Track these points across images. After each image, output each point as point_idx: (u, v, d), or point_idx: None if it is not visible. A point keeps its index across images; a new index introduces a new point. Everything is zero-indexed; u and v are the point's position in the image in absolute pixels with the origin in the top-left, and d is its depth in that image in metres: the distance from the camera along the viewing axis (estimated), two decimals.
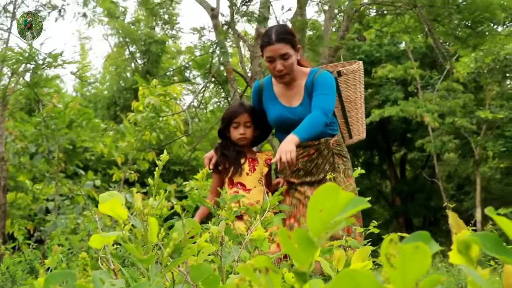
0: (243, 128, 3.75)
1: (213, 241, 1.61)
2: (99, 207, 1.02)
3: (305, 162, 3.71)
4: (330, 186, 0.70)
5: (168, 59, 23.26)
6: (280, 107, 3.73)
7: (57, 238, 3.96)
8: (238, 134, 3.75)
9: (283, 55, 3.52)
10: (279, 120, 3.75)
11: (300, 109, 3.65)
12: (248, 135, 3.77)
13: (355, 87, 3.86)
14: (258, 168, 3.81)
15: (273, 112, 3.76)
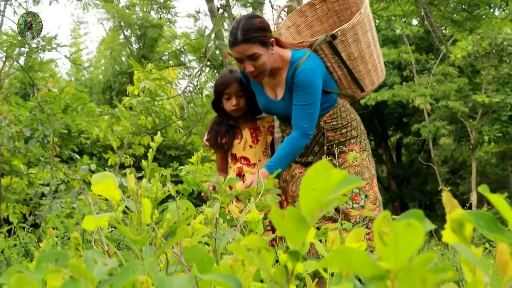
0: (235, 99, 3.57)
1: (207, 223, 1.61)
2: (92, 188, 1.01)
3: None
4: (323, 165, 0.69)
5: (163, 43, 23.19)
6: (264, 98, 3.54)
7: (52, 222, 3.96)
8: (231, 106, 3.57)
9: (251, 56, 3.21)
10: (266, 110, 3.63)
11: (282, 104, 3.46)
12: (242, 104, 3.59)
13: (357, 41, 3.49)
14: (261, 138, 3.65)
15: (259, 102, 3.59)
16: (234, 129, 3.63)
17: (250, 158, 3.58)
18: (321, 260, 0.63)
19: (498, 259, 0.72)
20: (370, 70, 3.63)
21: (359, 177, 3.30)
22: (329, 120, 3.49)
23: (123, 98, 7.10)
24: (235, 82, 3.57)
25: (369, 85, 3.68)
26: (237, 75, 3.60)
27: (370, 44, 3.57)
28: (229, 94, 3.57)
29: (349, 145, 3.49)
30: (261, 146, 3.62)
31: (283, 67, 3.37)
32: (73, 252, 0.82)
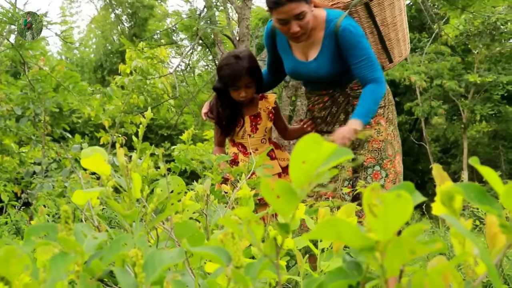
0: (244, 90, 3.36)
1: (198, 200, 1.60)
2: (81, 162, 1.01)
3: (320, 109, 3.42)
4: (313, 137, 0.69)
5: (155, 22, 23.05)
6: (293, 61, 3.32)
7: (43, 200, 3.94)
8: (238, 96, 3.38)
9: (298, 15, 2.99)
10: (293, 74, 3.41)
11: (314, 65, 3.24)
12: (250, 94, 3.40)
13: (392, 6, 3.33)
14: (260, 126, 3.49)
15: (286, 65, 3.37)
16: (237, 117, 3.48)
17: (247, 147, 3.48)
18: (310, 231, 0.63)
19: (488, 231, 0.72)
20: (400, 39, 3.50)
21: (381, 154, 3.25)
22: (356, 88, 3.32)
23: (115, 77, 7.07)
24: (245, 74, 3.31)
25: (397, 55, 3.55)
26: (247, 66, 3.32)
27: (402, 11, 3.44)
28: (238, 86, 3.35)
29: (375, 116, 3.32)
30: (259, 134, 3.49)
31: (317, 26, 3.18)
32: (62, 225, 0.81)
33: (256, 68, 3.39)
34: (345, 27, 3.09)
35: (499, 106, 18.22)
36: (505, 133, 21.73)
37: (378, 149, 3.26)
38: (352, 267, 0.70)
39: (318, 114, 3.44)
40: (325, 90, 3.36)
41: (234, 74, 3.31)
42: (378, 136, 3.29)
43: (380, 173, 3.24)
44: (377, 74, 3.13)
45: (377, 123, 3.32)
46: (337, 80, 3.30)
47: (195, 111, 12.72)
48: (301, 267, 1.28)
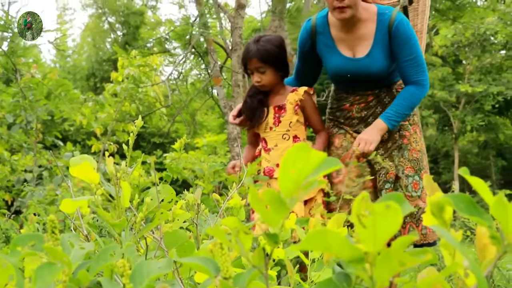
0: (257, 75, 3.15)
1: (189, 209, 1.60)
2: (70, 170, 1.00)
3: (361, 109, 3.17)
4: (301, 146, 0.69)
5: (148, 30, 23.04)
6: (340, 58, 3.08)
7: (33, 208, 3.92)
8: (254, 81, 3.19)
9: None
10: (339, 73, 3.13)
11: (367, 62, 3.02)
12: (265, 81, 3.15)
13: (424, 13, 3.26)
14: (284, 119, 3.19)
15: (331, 63, 3.12)
16: (263, 106, 3.24)
17: (268, 141, 3.22)
18: (299, 242, 0.62)
19: (478, 243, 0.72)
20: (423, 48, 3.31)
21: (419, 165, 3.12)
22: (400, 89, 3.15)
23: (107, 85, 7.06)
24: (254, 57, 3.12)
25: None
26: (258, 48, 3.14)
27: (427, 21, 3.35)
28: (250, 69, 3.18)
29: (413, 125, 3.19)
30: (282, 127, 3.19)
31: (368, 18, 3.00)
32: (49, 235, 0.80)
33: (272, 53, 3.14)
34: (401, 20, 2.93)
35: (489, 116, 18.30)
36: (495, 143, 21.83)
37: (417, 159, 3.13)
38: (341, 278, 0.70)
39: (357, 114, 3.17)
40: (371, 90, 3.15)
41: (244, 55, 3.21)
42: (416, 146, 3.16)
43: (419, 183, 3.11)
44: (422, 76, 3.00)
45: (414, 132, 3.19)
46: (386, 77, 3.13)
47: (187, 119, 12.71)
48: (291, 277, 1.27)
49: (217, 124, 20.10)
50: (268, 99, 3.25)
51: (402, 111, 2.98)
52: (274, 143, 3.18)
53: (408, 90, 3.00)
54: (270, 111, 3.22)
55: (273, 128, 3.19)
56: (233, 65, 8.87)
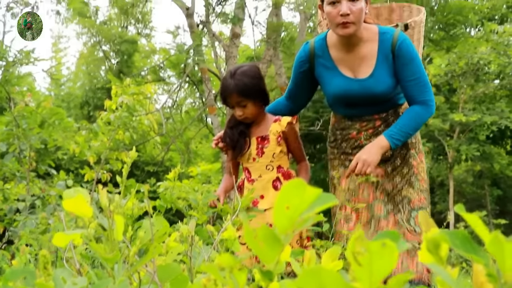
0: (238, 109, 3.10)
1: (182, 241, 1.58)
2: (63, 204, 0.99)
3: (370, 136, 3.02)
4: (297, 182, 0.68)
5: (142, 58, 23.14)
6: (343, 79, 2.97)
7: (25, 238, 3.89)
8: (237, 115, 3.13)
9: None
10: (342, 95, 3.00)
11: (371, 82, 2.91)
12: (247, 113, 3.10)
13: (419, 41, 3.15)
14: (267, 149, 3.13)
15: (333, 85, 3.01)
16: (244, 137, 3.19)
17: (252, 172, 3.17)
18: (293, 281, 0.62)
19: (475, 280, 0.71)
20: None
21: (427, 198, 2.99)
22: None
23: (101, 113, 7.06)
24: (233, 92, 3.06)
25: None
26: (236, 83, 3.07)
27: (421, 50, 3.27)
28: (231, 104, 3.13)
29: (419, 153, 3.08)
30: (265, 159, 3.14)
31: (370, 39, 2.92)
32: (41, 270, 0.79)
33: (250, 86, 3.08)
34: (404, 40, 2.88)
35: (484, 146, 18.35)
36: (490, 173, 21.84)
37: (424, 191, 3.00)
38: None
39: (366, 141, 3.01)
40: (377, 114, 3.02)
41: (222, 91, 3.15)
42: (424, 176, 3.04)
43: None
44: (428, 96, 2.89)
45: (421, 161, 3.08)
46: (392, 99, 3.02)
47: (182, 148, 12.70)
48: None
49: (211, 152, 20.07)
50: (250, 129, 3.21)
51: (406, 130, 2.85)
52: (258, 174, 3.14)
53: (413, 110, 2.88)
54: (253, 142, 3.18)
55: (256, 159, 3.15)
56: None
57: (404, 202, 2.92)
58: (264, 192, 3.10)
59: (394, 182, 2.97)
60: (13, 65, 6.09)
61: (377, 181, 2.97)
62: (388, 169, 2.99)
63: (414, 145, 3.06)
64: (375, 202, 2.95)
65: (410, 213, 2.90)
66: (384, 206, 2.93)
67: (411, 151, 3.03)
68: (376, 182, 2.97)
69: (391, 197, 2.94)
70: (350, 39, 2.90)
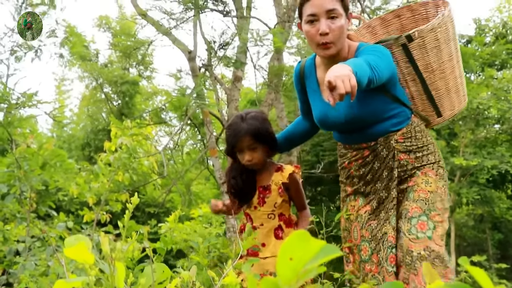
0: (248, 153, 3.06)
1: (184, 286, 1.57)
2: (64, 252, 0.99)
3: (359, 166, 2.89)
4: (300, 234, 0.68)
5: (144, 100, 23.26)
6: (321, 103, 2.86)
7: (25, 281, 3.86)
8: (243, 160, 3.09)
9: (329, 11, 2.65)
10: (323, 121, 2.88)
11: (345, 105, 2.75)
12: (256, 158, 3.07)
13: (438, 49, 2.84)
14: (269, 200, 3.12)
15: (315, 111, 2.90)
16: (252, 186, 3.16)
17: (254, 219, 3.16)
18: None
19: None
20: (451, 89, 2.98)
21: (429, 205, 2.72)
22: (402, 140, 2.82)
23: (100, 154, 7.07)
24: (246, 135, 3.02)
25: (447, 109, 3.04)
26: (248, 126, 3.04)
27: (452, 56, 2.93)
28: (240, 147, 3.07)
29: (423, 167, 2.82)
30: (267, 208, 3.12)
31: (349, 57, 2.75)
32: None
33: (262, 130, 3.07)
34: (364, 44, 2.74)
35: (485, 190, 18.34)
36: (491, 217, 21.78)
37: (426, 199, 2.74)
38: None
39: (356, 173, 2.91)
40: (366, 143, 2.85)
41: (234, 134, 3.06)
42: (426, 186, 2.77)
43: (428, 224, 2.69)
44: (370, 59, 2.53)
45: (424, 174, 2.80)
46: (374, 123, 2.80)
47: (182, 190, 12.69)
48: None
49: (212, 194, 20.07)
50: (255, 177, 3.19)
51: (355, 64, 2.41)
52: (259, 222, 3.13)
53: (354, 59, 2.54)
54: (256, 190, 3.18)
55: (257, 207, 3.14)
56: None
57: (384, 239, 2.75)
58: (266, 240, 3.09)
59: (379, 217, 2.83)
60: (15, 107, 6.13)
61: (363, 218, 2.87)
62: (373, 204, 2.86)
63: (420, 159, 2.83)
64: (362, 243, 2.86)
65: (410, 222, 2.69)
66: (369, 246, 2.82)
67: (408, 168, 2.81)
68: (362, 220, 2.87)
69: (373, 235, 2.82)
70: (333, 60, 2.73)
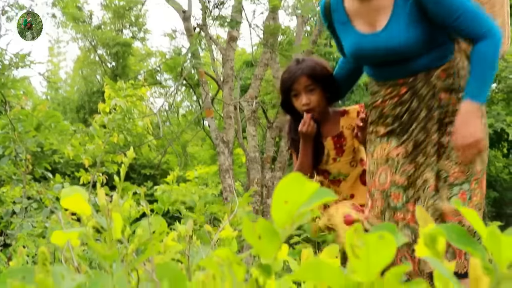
0: (305, 96, 2.80)
1: (180, 241, 1.59)
2: (61, 202, 0.99)
3: (394, 105, 2.55)
4: (294, 177, 0.69)
5: (138, 61, 23.10)
6: (355, 35, 2.58)
7: (22, 240, 3.88)
8: (301, 105, 2.82)
9: None
10: (357, 53, 2.61)
11: (383, 37, 2.49)
12: (314, 102, 2.81)
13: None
14: (347, 147, 2.89)
15: (347, 44, 2.65)
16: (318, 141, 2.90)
17: (333, 172, 2.92)
18: (292, 273, 0.62)
19: (471, 274, 0.72)
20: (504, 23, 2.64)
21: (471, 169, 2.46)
22: (444, 77, 2.50)
23: (95, 116, 7.05)
24: (303, 75, 2.79)
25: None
26: (305, 66, 2.81)
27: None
28: (297, 90, 2.82)
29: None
30: (347, 156, 2.89)
31: None
32: (40, 267, 0.80)
33: (319, 69, 2.84)
34: None
35: None
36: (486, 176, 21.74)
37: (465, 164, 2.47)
38: None
39: (390, 112, 2.57)
40: (403, 78, 2.53)
41: (290, 76, 2.83)
42: None
43: (467, 193, 2.46)
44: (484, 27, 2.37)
45: None
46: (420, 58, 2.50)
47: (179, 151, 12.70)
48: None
49: (208, 155, 20.08)
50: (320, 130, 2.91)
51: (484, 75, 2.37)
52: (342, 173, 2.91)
53: (478, 52, 2.39)
54: (328, 142, 2.91)
55: (336, 159, 2.90)
56: (224, 96, 8.91)
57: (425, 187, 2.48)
58: (353, 191, 2.91)
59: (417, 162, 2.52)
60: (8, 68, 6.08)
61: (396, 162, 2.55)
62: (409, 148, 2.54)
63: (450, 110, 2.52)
64: (391, 189, 2.51)
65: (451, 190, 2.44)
66: (403, 193, 2.50)
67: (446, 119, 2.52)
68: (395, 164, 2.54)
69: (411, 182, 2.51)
70: None
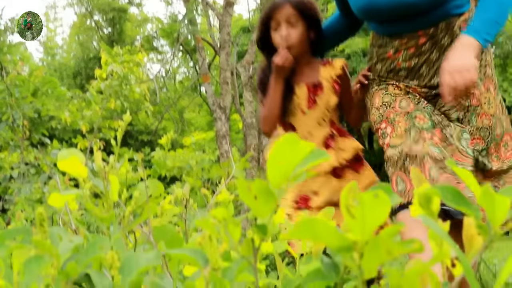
0: (285, 28, 2.41)
1: (177, 204, 1.59)
2: (57, 164, 1.00)
3: (410, 56, 2.30)
4: (289, 137, 0.69)
5: (135, 27, 22.93)
6: None
7: (21, 205, 3.90)
8: (279, 38, 2.43)
9: None
10: (367, 9, 2.31)
11: None
12: (295, 37, 2.42)
13: None
14: (321, 100, 2.47)
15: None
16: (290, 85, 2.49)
17: (298, 128, 2.49)
18: (287, 231, 0.63)
19: (465, 233, 0.73)
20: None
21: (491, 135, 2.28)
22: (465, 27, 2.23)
23: (92, 82, 7.02)
24: (287, 3, 2.41)
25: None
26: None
27: None
28: (278, 20, 2.44)
29: (485, 79, 2.31)
30: (317, 111, 2.47)
31: None
32: (37, 228, 0.80)
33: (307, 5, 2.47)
34: None
35: None
36: None
37: (488, 128, 2.28)
38: (329, 268, 0.70)
39: (405, 64, 2.32)
40: (423, 29, 2.27)
41: (271, 7, 2.47)
42: (489, 109, 2.30)
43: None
44: None
45: (487, 89, 2.32)
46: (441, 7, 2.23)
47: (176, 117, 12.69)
48: (280, 270, 1.27)
49: (205, 121, 20.08)
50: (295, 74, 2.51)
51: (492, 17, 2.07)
52: (306, 130, 2.48)
53: None
54: (301, 89, 2.49)
55: (305, 111, 2.48)
56: (221, 62, 8.86)
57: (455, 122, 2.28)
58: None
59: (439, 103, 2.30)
60: (4, 33, 6.04)
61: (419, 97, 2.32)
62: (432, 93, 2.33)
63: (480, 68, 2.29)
64: (416, 112, 2.25)
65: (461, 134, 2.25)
66: (429, 118, 2.24)
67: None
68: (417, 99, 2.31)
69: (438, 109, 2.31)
70: None
